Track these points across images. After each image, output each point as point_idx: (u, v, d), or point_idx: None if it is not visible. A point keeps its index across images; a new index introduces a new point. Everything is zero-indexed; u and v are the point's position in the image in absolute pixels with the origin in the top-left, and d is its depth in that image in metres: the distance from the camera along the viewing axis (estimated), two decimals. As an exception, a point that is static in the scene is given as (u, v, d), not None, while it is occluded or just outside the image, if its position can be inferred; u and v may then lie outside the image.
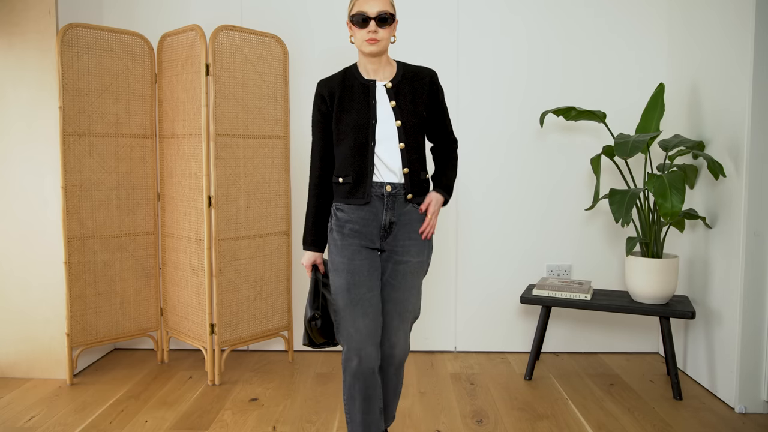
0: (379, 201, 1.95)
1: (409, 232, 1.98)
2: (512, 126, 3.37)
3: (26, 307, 3.02)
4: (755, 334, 2.62)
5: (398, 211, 1.96)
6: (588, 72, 3.34)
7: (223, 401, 2.75)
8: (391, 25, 1.94)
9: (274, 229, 3.18)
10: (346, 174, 1.96)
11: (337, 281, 1.95)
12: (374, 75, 2.00)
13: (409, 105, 1.97)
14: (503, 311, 3.44)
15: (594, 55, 3.34)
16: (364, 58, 1.99)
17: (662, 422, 2.54)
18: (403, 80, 2.00)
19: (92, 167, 3.02)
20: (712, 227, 2.87)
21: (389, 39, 1.95)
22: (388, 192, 1.95)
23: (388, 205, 1.95)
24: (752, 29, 2.55)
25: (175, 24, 3.31)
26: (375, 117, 1.94)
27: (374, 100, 1.96)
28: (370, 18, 1.90)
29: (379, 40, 1.91)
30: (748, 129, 2.58)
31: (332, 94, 1.99)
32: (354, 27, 1.94)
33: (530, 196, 3.40)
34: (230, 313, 3.01)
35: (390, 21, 1.92)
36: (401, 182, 1.96)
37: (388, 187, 1.94)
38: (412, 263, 1.98)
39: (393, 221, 1.96)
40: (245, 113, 3.03)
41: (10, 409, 2.66)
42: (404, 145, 1.94)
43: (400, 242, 1.98)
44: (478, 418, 2.58)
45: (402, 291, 1.97)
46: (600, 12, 3.32)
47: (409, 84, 1.99)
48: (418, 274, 2.00)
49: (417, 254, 1.99)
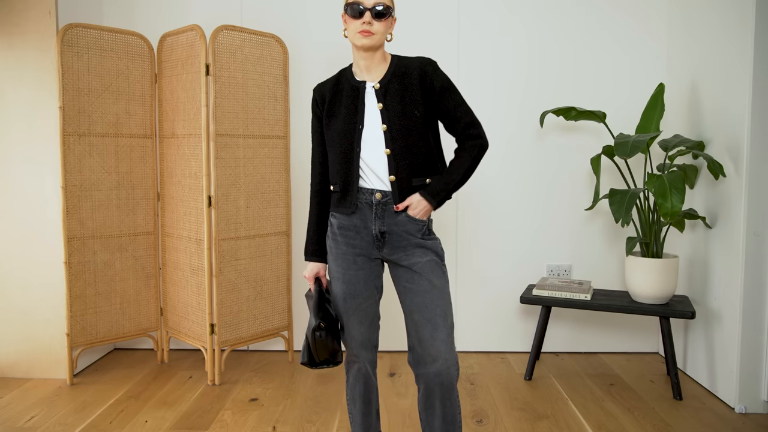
0: (369, 209, 1.82)
1: (408, 239, 1.82)
2: (512, 126, 3.37)
3: (26, 307, 3.02)
4: (755, 334, 2.62)
5: (389, 221, 1.82)
6: (588, 72, 3.34)
7: (223, 401, 2.75)
8: (388, 20, 1.80)
9: (274, 229, 3.18)
10: (335, 182, 1.87)
11: (334, 288, 1.91)
12: (366, 74, 1.85)
13: (397, 106, 1.80)
14: (503, 311, 3.44)
15: (594, 56, 3.34)
16: (356, 54, 1.84)
17: (662, 422, 2.54)
18: (392, 78, 1.83)
19: (92, 167, 3.02)
20: (712, 227, 2.87)
21: (385, 34, 1.81)
22: (377, 200, 1.81)
23: (377, 213, 1.82)
24: (752, 29, 2.55)
25: (175, 24, 3.32)
26: (362, 122, 1.82)
27: (363, 103, 1.83)
28: (366, 9, 1.76)
29: (373, 33, 1.77)
30: (748, 129, 2.58)
31: (323, 99, 1.90)
32: (348, 18, 1.80)
33: (530, 196, 3.40)
34: (230, 313, 3.01)
35: (387, 15, 1.79)
36: (388, 190, 1.82)
37: (377, 195, 1.81)
38: (422, 263, 1.81)
39: (384, 231, 1.82)
40: (245, 113, 3.03)
41: (10, 409, 2.66)
42: (390, 150, 1.79)
43: (400, 250, 1.83)
44: (478, 418, 2.58)
45: (422, 294, 1.79)
46: (600, 12, 3.32)
47: (399, 82, 1.83)
48: (434, 272, 1.81)
49: (423, 255, 1.82)
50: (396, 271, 1.87)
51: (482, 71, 3.36)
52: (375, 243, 1.85)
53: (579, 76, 3.35)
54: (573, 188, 3.38)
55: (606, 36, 3.33)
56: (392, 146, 1.79)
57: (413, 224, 1.82)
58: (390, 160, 1.80)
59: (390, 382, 2.99)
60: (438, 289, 1.80)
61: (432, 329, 1.77)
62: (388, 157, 1.80)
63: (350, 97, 1.85)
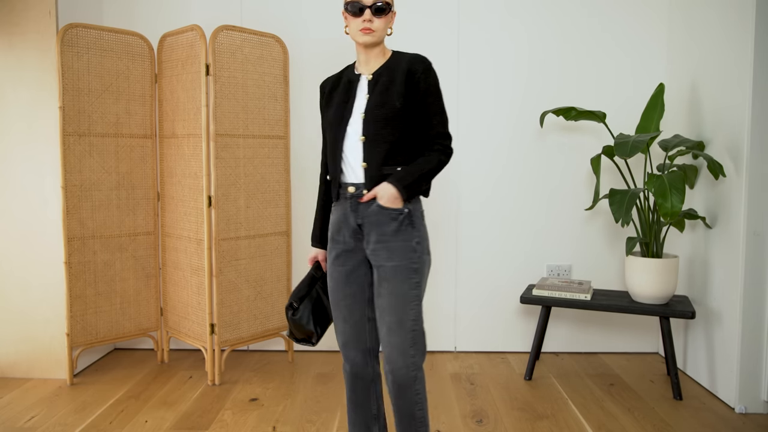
0: (346, 202, 1.88)
1: (379, 234, 1.82)
2: (512, 126, 3.37)
3: (26, 307, 3.02)
4: (755, 334, 2.62)
5: (362, 213, 1.84)
6: (588, 72, 3.34)
7: (223, 401, 2.75)
8: (388, 15, 1.84)
9: (274, 229, 3.18)
10: (327, 172, 1.97)
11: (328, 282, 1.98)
12: (364, 67, 1.90)
13: (378, 96, 1.83)
14: (503, 311, 3.44)
15: (594, 56, 3.34)
16: (358, 49, 1.89)
17: (662, 422, 2.54)
18: (385, 70, 1.87)
19: (92, 167, 3.02)
20: (712, 227, 2.87)
21: (385, 30, 1.85)
22: (350, 193, 1.85)
23: (352, 207, 1.86)
24: (752, 29, 2.55)
25: (175, 24, 3.32)
26: (351, 112, 1.86)
27: (354, 94, 1.88)
28: (366, 6, 1.81)
29: (374, 30, 1.82)
30: (748, 129, 2.58)
31: (324, 92, 1.98)
32: (349, 16, 1.85)
33: (530, 196, 3.40)
34: (230, 313, 3.01)
35: (387, 11, 1.82)
36: (362, 182, 1.84)
37: (350, 189, 1.85)
38: (386, 267, 1.81)
39: (360, 223, 1.85)
40: (245, 113, 3.04)
41: (10, 409, 2.66)
42: (365, 138, 1.81)
43: (371, 246, 1.84)
44: (478, 418, 2.58)
45: (383, 298, 1.82)
46: (600, 13, 3.32)
47: (389, 73, 1.85)
48: (397, 279, 1.80)
49: (388, 258, 1.81)
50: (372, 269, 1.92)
51: (482, 71, 3.36)
52: (355, 236, 1.88)
53: (579, 76, 3.35)
54: (573, 188, 3.38)
55: (606, 36, 3.33)
56: (367, 133, 1.81)
57: (385, 213, 1.81)
58: (364, 147, 1.82)
59: (390, 382, 2.99)
60: (399, 297, 1.80)
61: (387, 333, 1.82)
62: (363, 144, 1.82)
63: (345, 89, 1.91)
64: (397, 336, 1.81)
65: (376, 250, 1.83)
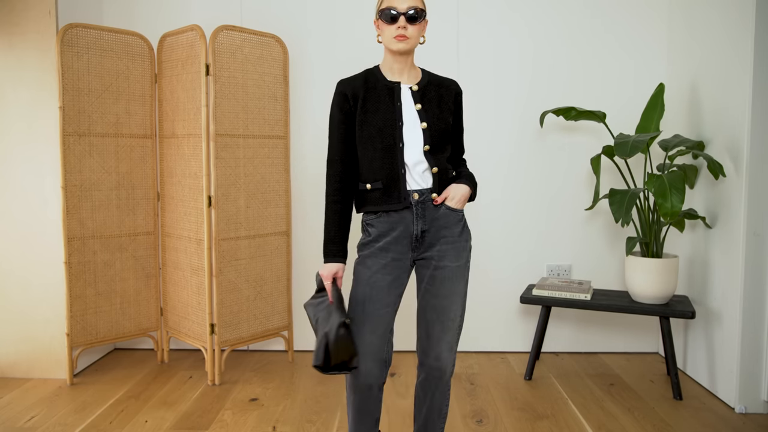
0: (408, 210, 1.86)
1: (445, 236, 1.88)
2: (512, 126, 3.37)
3: (26, 307, 3.02)
4: (755, 334, 2.62)
5: (429, 218, 1.87)
6: (588, 72, 3.34)
7: (223, 401, 2.75)
8: (421, 23, 1.86)
9: (274, 229, 3.18)
10: (375, 179, 1.87)
11: (356, 292, 1.87)
12: (399, 77, 1.91)
13: (435, 109, 1.90)
14: (503, 311, 3.44)
15: (594, 55, 3.34)
16: (390, 57, 1.90)
17: (662, 422, 2.54)
18: (429, 85, 1.93)
19: (92, 167, 3.02)
20: (712, 227, 2.87)
21: (418, 38, 1.87)
22: (416, 200, 1.86)
23: (417, 213, 1.86)
24: (752, 29, 2.55)
25: (175, 24, 3.31)
26: (401, 119, 1.86)
27: (399, 102, 1.88)
28: (400, 13, 1.82)
29: (408, 38, 1.83)
30: (748, 129, 2.58)
31: (356, 95, 1.89)
32: (382, 23, 1.85)
33: (530, 196, 3.40)
34: (230, 313, 3.01)
35: (420, 18, 1.84)
36: (428, 187, 1.87)
37: (415, 195, 1.86)
38: (450, 268, 1.88)
39: (425, 229, 1.87)
40: (245, 113, 3.04)
41: (10, 409, 2.66)
42: (429, 147, 1.86)
43: (435, 248, 1.88)
44: (478, 418, 2.58)
45: (442, 298, 1.87)
46: (600, 12, 3.32)
47: (436, 90, 1.93)
48: (458, 279, 1.89)
49: (455, 258, 1.88)
50: (423, 270, 1.91)
51: (482, 71, 3.36)
52: (412, 244, 1.88)
53: (579, 76, 3.35)
54: (573, 188, 3.38)
55: (606, 36, 3.33)
56: (431, 143, 1.88)
57: (453, 215, 1.90)
58: (428, 156, 1.87)
59: (390, 382, 2.98)
60: (458, 295, 1.90)
61: (441, 331, 1.88)
62: (425, 154, 1.87)
63: (386, 96, 1.89)
64: (451, 333, 1.90)
65: (444, 252, 1.88)
